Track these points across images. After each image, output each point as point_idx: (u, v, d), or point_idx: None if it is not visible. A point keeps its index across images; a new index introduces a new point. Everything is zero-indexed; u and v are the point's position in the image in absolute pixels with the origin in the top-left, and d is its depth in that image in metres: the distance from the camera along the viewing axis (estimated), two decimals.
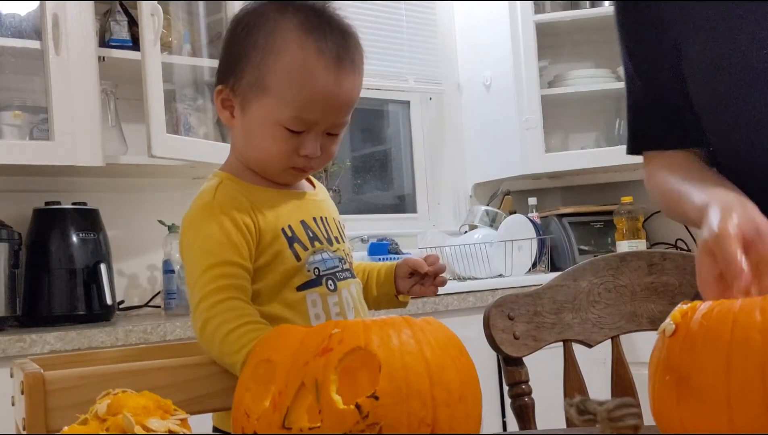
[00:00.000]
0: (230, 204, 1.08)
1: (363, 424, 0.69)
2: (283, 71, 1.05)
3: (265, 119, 1.07)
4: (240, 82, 1.08)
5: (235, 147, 1.16)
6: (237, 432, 0.76)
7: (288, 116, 1.05)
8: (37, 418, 0.92)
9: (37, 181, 2.36)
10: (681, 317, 0.71)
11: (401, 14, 3.27)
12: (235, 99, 1.10)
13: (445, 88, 3.40)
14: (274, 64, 1.05)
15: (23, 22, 2.17)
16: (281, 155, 1.09)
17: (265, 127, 1.07)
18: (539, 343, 1.31)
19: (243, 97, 1.09)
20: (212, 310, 1.01)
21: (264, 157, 1.10)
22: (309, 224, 1.14)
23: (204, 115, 2.51)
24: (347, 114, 1.10)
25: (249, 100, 1.08)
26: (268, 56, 1.06)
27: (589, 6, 3.24)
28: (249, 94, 1.08)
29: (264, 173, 1.13)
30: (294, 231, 1.11)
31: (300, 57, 1.04)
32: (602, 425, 0.58)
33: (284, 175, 1.13)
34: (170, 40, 2.41)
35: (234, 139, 1.16)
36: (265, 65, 1.06)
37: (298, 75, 1.04)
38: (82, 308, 2.17)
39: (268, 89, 1.06)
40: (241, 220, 1.07)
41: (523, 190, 3.34)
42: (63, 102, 2.12)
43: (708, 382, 0.66)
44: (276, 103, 1.05)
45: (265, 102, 1.06)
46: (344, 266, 1.16)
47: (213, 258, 1.04)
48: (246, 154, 1.13)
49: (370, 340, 0.73)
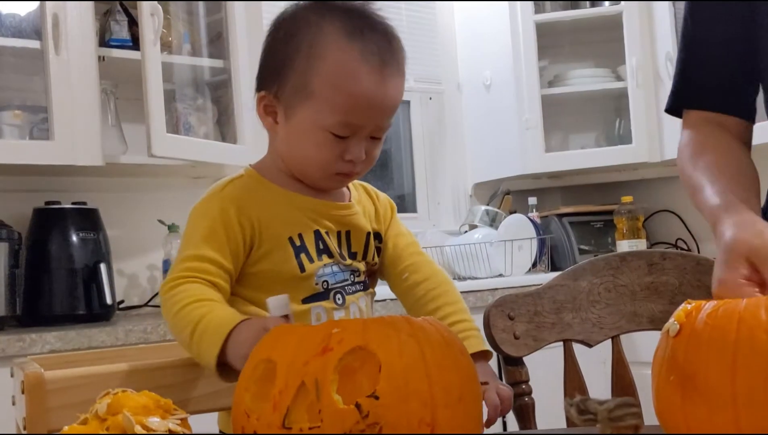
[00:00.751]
0: (234, 200, 1.08)
1: (363, 424, 0.69)
2: (327, 76, 1.03)
3: (310, 125, 1.05)
4: (284, 88, 1.07)
5: (274, 150, 1.14)
6: (237, 432, 0.76)
7: (334, 121, 1.04)
8: (37, 418, 0.92)
9: (37, 181, 2.36)
10: (685, 317, 0.71)
11: (401, 14, 3.27)
12: (278, 105, 1.09)
13: (445, 88, 3.39)
14: (319, 69, 1.04)
15: (23, 22, 2.17)
16: (327, 161, 1.07)
17: (310, 132, 1.06)
18: (539, 343, 1.31)
19: (287, 103, 1.07)
20: (171, 292, 1.02)
21: (309, 163, 1.08)
22: (323, 236, 1.12)
23: (204, 115, 2.51)
24: (392, 117, 1.09)
25: (293, 106, 1.06)
26: (313, 61, 1.04)
27: (589, 6, 3.24)
28: (293, 100, 1.06)
29: (307, 179, 1.12)
30: (304, 241, 1.10)
31: (344, 61, 1.03)
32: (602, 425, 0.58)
33: (328, 180, 1.11)
34: (170, 40, 2.41)
35: (275, 144, 1.14)
36: (310, 71, 1.04)
37: (344, 80, 1.03)
38: (82, 308, 2.17)
39: (313, 95, 1.04)
40: (236, 219, 1.06)
41: (523, 190, 3.34)
42: (63, 102, 2.12)
43: (714, 381, 0.66)
44: (322, 109, 1.04)
45: (310, 108, 1.05)
46: (356, 279, 1.15)
47: (193, 249, 1.05)
48: (290, 160, 1.11)
49: (370, 339, 0.73)
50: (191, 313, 0.98)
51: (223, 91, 2.55)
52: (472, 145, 3.37)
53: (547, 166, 3.14)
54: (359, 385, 0.72)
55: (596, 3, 3.24)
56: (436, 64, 3.36)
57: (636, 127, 3.03)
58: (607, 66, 3.21)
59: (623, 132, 3.21)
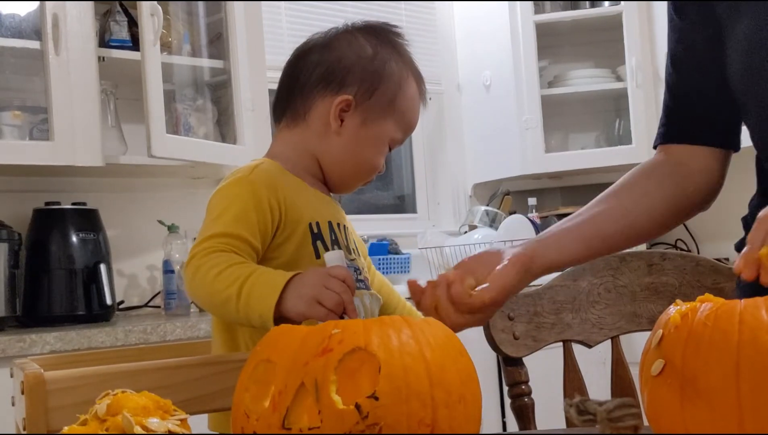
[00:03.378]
0: (263, 183, 1.12)
1: (363, 425, 0.69)
2: (407, 102, 1.23)
3: (384, 135, 1.21)
4: (369, 100, 1.19)
5: (302, 146, 1.21)
6: (237, 432, 0.76)
7: (399, 136, 1.23)
8: (37, 418, 0.92)
9: (37, 181, 2.36)
10: (681, 318, 0.71)
11: (401, 14, 3.27)
12: (355, 111, 1.19)
13: (445, 89, 3.39)
14: (403, 95, 1.23)
15: (23, 22, 2.17)
16: (376, 167, 1.23)
17: (379, 141, 1.21)
18: (539, 343, 1.31)
19: (369, 112, 1.20)
20: (204, 258, 1.04)
21: (363, 166, 1.22)
22: (333, 228, 1.19)
23: (204, 115, 2.51)
24: None
25: (376, 117, 1.20)
26: (399, 88, 1.22)
27: (589, 6, 3.24)
28: (377, 110, 1.20)
29: (343, 180, 1.23)
30: (320, 229, 1.16)
31: (415, 94, 1.25)
32: (602, 425, 0.58)
33: (359, 184, 1.26)
34: (170, 40, 2.41)
35: (310, 139, 1.20)
36: (400, 91, 1.22)
37: (413, 106, 1.25)
38: (82, 308, 2.17)
39: (395, 111, 1.21)
40: (266, 200, 1.10)
41: (523, 190, 3.34)
42: (63, 102, 2.12)
43: (716, 384, 0.65)
44: (396, 125, 1.22)
45: (389, 121, 1.21)
46: (359, 277, 1.18)
47: (223, 227, 1.07)
48: (340, 160, 1.21)
49: (370, 340, 0.73)
50: (236, 271, 1.01)
51: (223, 91, 2.55)
52: (471, 145, 3.37)
53: (546, 166, 3.14)
54: (359, 386, 0.72)
55: (596, 3, 3.24)
56: (436, 64, 3.36)
57: (636, 127, 3.03)
58: (607, 66, 3.21)
59: (623, 132, 3.22)
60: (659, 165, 1.24)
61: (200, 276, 1.03)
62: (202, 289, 1.04)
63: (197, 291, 1.05)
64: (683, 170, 1.22)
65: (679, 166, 1.22)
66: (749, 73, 1.10)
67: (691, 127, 1.23)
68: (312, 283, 0.98)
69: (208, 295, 1.03)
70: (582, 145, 3.33)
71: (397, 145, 1.26)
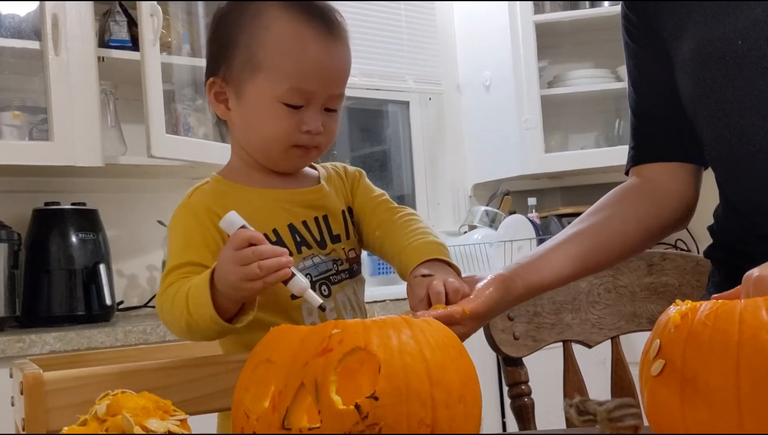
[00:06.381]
0: (202, 204, 1.08)
1: (362, 425, 0.69)
2: (274, 44, 1.03)
3: (262, 98, 1.04)
4: (231, 68, 1.07)
5: (235, 144, 1.14)
6: (236, 432, 0.76)
7: (285, 89, 1.03)
8: (36, 419, 0.92)
9: (37, 182, 2.36)
10: (681, 318, 0.71)
11: (400, 14, 3.27)
12: (228, 88, 1.08)
13: (445, 89, 3.39)
14: (264, 39, 1.04)
15: (23, 22, 2.17)
16: (283, 134, 1.05)
17: (263, 107, 1.05)
18: (539, 343, 1.31)
19: (236, 82, 1.06)
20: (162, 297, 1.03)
21: (267, 139, 1.07)
22: (298, 228, 1.11)
23: (203, 116, 2.51)
24: (343, 85, 1.08)
25: (243, 83, 1.06)
26: (257, 32, 1.04)
27: (589, 6, 3.24)
28: (242, 76, 1.05)
29: (269, 160, 1.11)
30: (280, 235, 1.09)
31: (290, 27, 1.03)
32: (602, 425, 0.58)
33: (289, 157, 1.09)
34: (169, 41, 2.41)
35: (233, 133, 1.13)
36: (255, 42, 1.04)
37: (291, 45, 1.03)
38: (82, 309, 2.17)
39: (261, 65, 1.04)
40: (210, 222, 1.06)
41: (523, 191, 3.34)
42: (62, 102, 2.12)
43: (716, 384, 0.65)
44: (272, 79, 1.03)
45: (260, 80, 1.04)
46: (340, 268, 1.13)
47: (176, 259, 1.06)
48: (249, 143, 1.10)
49: (370, 340, 0.73)
50: (180, 294, 1.00)
51: None
52: (471, 145, 3.37)
53: (546, 166, 3.14)
54: (359, 386, 0.72)
55: (596, 3, 3.24)
56: (436, 64, 3.35)
57: None
58: (607, 66, 3.21)
59: (623, 132, 3.21)
60: (633, 188, 1.24)
61: (165, 313, 1.04)
62: (172, 325, 1.04)
63: (170, 327, 1.05)
64: (657, 189, 1.22)
65: (653, 185, 1.22)
66: (697, 93, 1.12)
67: (659, 145, 1.23)
68: (228, 270, 0.93)
69: (177, 327, 1.03)
70: (582, 145, 3.33)
71: (302, 98, 1.04)
